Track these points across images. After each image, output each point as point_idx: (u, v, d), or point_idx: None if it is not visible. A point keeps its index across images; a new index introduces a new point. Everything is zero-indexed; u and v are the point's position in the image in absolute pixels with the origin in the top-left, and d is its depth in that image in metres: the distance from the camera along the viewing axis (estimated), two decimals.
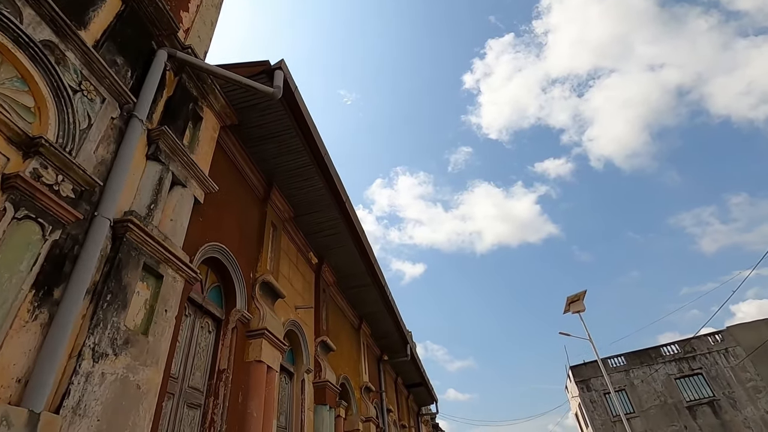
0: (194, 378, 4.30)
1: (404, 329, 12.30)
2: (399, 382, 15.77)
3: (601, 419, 24.10)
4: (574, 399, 27.56)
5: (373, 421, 9.66)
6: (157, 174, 3.81)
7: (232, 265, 5.10)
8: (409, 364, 14.77)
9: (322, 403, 6.86)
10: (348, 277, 9.28)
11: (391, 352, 13.32)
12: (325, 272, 8.55)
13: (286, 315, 6.48)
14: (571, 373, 26.20)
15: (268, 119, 5.62)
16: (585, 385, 25.36)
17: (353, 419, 8.90)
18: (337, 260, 8.70)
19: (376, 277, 9.41)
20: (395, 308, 11.13)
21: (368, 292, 9.99)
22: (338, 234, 7.96)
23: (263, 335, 5.08)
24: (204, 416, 4.28)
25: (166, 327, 3.45)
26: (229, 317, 4.97)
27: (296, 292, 7.16)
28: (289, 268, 7.07)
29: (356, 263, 8.86)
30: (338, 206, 7.21)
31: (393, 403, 14.06)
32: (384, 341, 12.72)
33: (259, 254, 5.86)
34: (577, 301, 18.36)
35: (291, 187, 6.70)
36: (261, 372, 4.91)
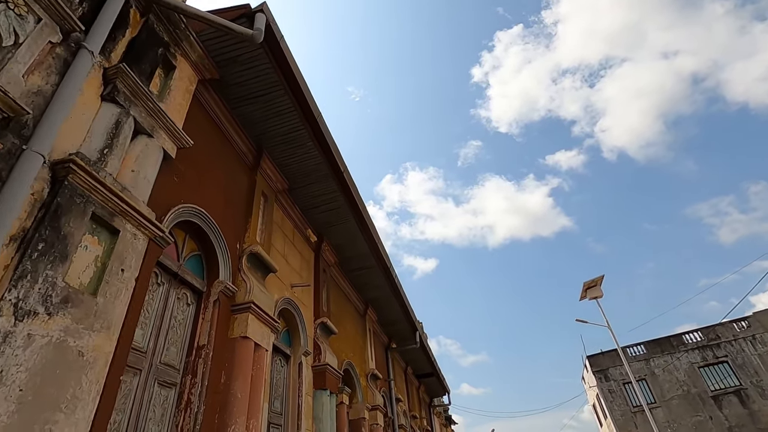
0: (168, 354, 3.82)
1: (413, 316, 11.77)
2: (409, 372, 15.27)
3: (620, 410, 23.28)
4: (591, 389, 26.73)
5: (380, 410, 9.17)
6: (113, 117, 3.31)
7: (214, 232, 4.60)
8: (418, 352, 14.25)
9: (322, 388, 6.37)
10: (350, 258, 8.76)
11: (400, 339, 12.81)
12: (326, 251, 8.05)
13: (280, 292, 5.99)
14: (588, 362, 25.37)
15: (251, 74, 5.10)
16: (603, 375, 24.52)
17: (359, 407, 8.41)
18: (337, 239, 8.18)
19: (380, 258, 8.88)
20: (402, 293, 10.59)
21: (373, 274, 9.47)
22: (338, 209, 7.44)
23: (249, 309, 4.59)
24: (180, 396, 3.80)
25: (122, 289, 2.96)
26: (210, 289, 4.48)
27: (292, 269, 6.66)
28: (284, 243, 6.57)
29: (358, 242, 8.34)
30: (335, 176, 6.68)
31: (403, 393, 13.57)
32: (392, 328, 12.21)
33: (247, 225, 5.37)
34: (595, 286, 17.58)
35: (283, 154, 6.18)
36: (247, 349, 4.41)
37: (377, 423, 8.93)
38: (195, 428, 3.66)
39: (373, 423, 8.92)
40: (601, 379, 24.39)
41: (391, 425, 10.94)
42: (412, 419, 13.77)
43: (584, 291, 17.68)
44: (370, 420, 8.97)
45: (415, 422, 14.23)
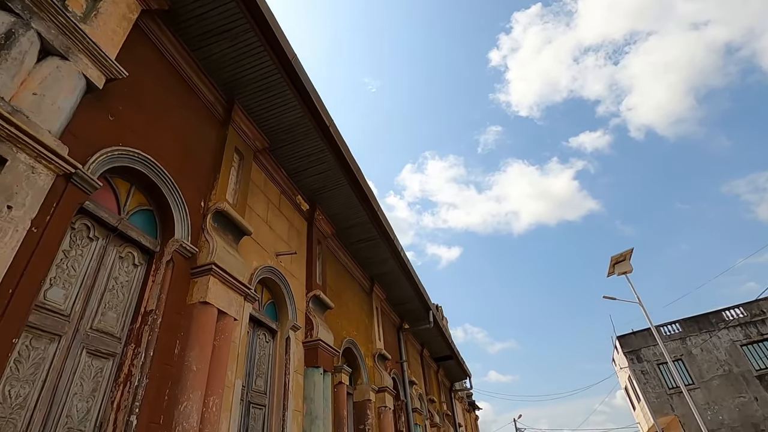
0: (104, 319, 3.24)
1: (424, 294, 11.05)
2: (426, 355, 14.61)
3: (655, 392, 21.98)
4: (622, 371, 25.43)
5: (388, 392, 8.54)
6: (2, 26, 2.68)
7: (168, 186, 3.98)
8: (434, 334, 13.56)
9: (314, 366, 5.75)
10: (349, 228, 8.08)
11: (413, 320, 12.13)
12: (320, 221, 7.39)
13: (260, 260, 5.37)
14: (619, 343, 24.06)
15: (209, 4, 4.41)
16: (635, 356, 23.19)
17: (364, 388, 7.80)
18: (332, 207, 7.51)
19: (382, 228, 8.17)
20: (411, 269, 9.88)
21: (376, 248, 8.77)
22: (328, 172, 6.74)
23: (211, 272, 3.97)
24: (119, 368, 3.22)
25: (6, 229, 2.36)
26: (164, 249, 3.88)
27: (278, 237, 6.03)
28: (267, 209, 5.94)
29: (355, 210, 7.64)
30: (321, 132, 5.97)
31: (418, 376, 12.93)
32: (403, 308, 11.54)
33: (215, 182, 4.73)
34: (623, 261, 16.37)
35: (258, 106, 5.51)
36: (208, 317, 3.80)
37: (386, 405, 8.31)
38: (134, 404, 3.07)
39: (381, 405, 8.32)
40: (633, 361, 23.07)
41: (404, 408, 10.33)
42: (429, 403, 13.15)
43: (612, 266, 16.51)
44: (378, 402, 8.36)
45: (433, 406, 13.61)
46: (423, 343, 14.27)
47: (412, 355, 12.87)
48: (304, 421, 5.36)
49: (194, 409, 3.35)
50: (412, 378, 11.34)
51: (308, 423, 5.34)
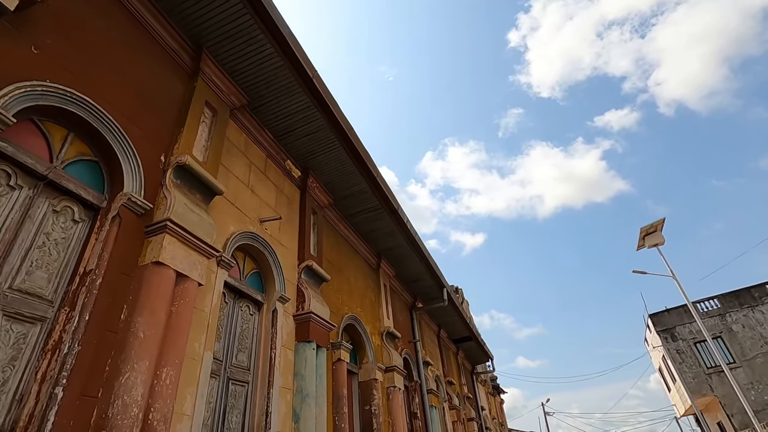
0: (30, 279, 2.79)
1: (437, 270, 10.44)
2: (443, 336, 14.05)
3: (692, 372, 20.73)
4: (656, 351, 24.17)
5: (397, 371, 8.03)
6: None
7: (114, 134, 3.50)
8: (451, 314, 12.97)
9: (306, 340, 5.27)
10: (347, 198, 7.52)
11: (427, 299, 11.55)
12: (315, 190, 6.86)
13: (240, 225, 4.88)
14: (651, 322, 22.78)
15: None
16: (669, 335, 21.89)
17: (369, 367, 7.31)
18: (327, 173, 6.95)
19: (383, 197, 7.57)
20: (420, 243, 9.27)
21: (380, 220, 8.20)
22: (318, 133, 6.17)
23: (166, 229, 3.48)
24: (49, 334, 2.78)
25: None
26: (111, 204, 3.41)
27: (262, 203, 5.53)
28: (249, 172, 5.43)
29: (352, 178, 7.06)
30: (303, 84, 5.39)
31: (435, 358, 12.40)
32: (415, 286, 10.97)
33: (178, 135, 4.24)
34: (654, 232, 15.25)
35: (231, 55, 4.96)
36: (161, 279, 3.33)
37: (395, 385, 7.81)
38: (61, 375, 2.62)
39: (390, 385, 7.82)
40: (667, 339, 21.77)
41: (418, 389, 9.83)
42: (447, 385, 12.62)
43: (642, 239, 15.42)
44: (386, 382, 7.87)
45: (452, 388, 13.07)
46: (440, 324, 13.70)
47: (427, 336, 12.33)
48: (294, 399, 4.89)
49: (139, 380, 2.88)
50: (427, 359, 10.81)
51: (298, 401, 4.87)
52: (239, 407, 4.36)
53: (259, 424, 4.36)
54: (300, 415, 4.80)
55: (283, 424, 4.60)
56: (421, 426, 9.30)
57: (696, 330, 21.19)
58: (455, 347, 15.76)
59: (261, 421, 4.37)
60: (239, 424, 4.28)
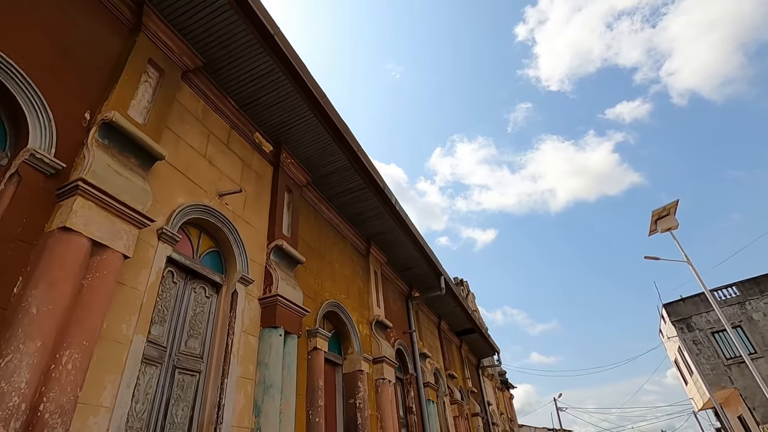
0: None
1: (433, 257, 9.86)
2: (445, 328, 13.46)
3: (710, 364, 19.78)
4: (671, 343, 23.18)
5: (387, 362, 7.49)
6: None
7: (17, 82, 3.01)
8: (451, 305, 12.38)
9: (272, 326, 4.75)
10: (328, 176, 6.98)
11: (424, 288, 10.98)
12: (290, 166, 6.33)
13: (191, 197, 4.37)
14: (666, 312, 21.83)
15: None
16: (685, 325, 20.93)
17: (354, 358, 6.78)
18: (302, 148, 6.41)
19: (367, 174, 7.02)
20: (412, 226, 8.70)
21: (365, 201, 7.65)
22: (286, 101, 5.64)
23: (78, 190, 2.98)
24: None
25: None
26: (12, 161, 2.92)
27: (223, 176, 5.02)
28: (207, 142, 4.92)
29: (331, 153, 6.52)
30: (264, 43, 4.86)
31: (434, 350, 11.84)
32: (410, 274, 10.40)
33: (109, 92, 3.73)
34: (667, 216, 14.43)
35: (179, 9, 4.44)
36: (70, 247, 2.83)
37: (384, 377, 7.27)
38: None
39: (379, 377, 7.29)
40: (683, 330, 20.82)
41: (414, 383, 9.28)
42: (448, 378, 12.04)
43: (654, 223, 14.61)
44: (375, 374, 7.33)
45: (454, 382, 12.49)
46: (441, 315, 13.12)
47: (426, 327, 11.77)
48: (256, 391, 4.38)
49: (25, 364, 2.39)
50: (425, 350, 10.25)
51: (260, 392, 4.35)
52: (187, 399, 3.86)
53: (210, 418, 3.85)
54: (262, 408, 4.28)
55: (240, 417, 4.09)
56: (416, 421, 8.75)
57: (714, 319, 20.24)
58: (458, 340, 15.16)
59: (212, 415, 3.86)
60: (185, 418, 3.78)
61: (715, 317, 20.09)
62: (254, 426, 4.20)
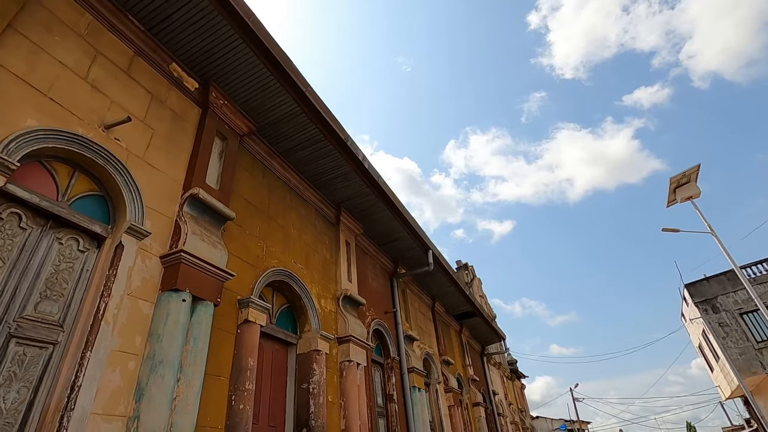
0: None
1: (417, 228, 8.78)
2: (440, 311, 12.39)
3: (738, 348, 18.17)
4: (694, 326, 21.53)
5: (356, 342, 6.48)
6: None
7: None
8: (444, 283, 11.30)
9: (174, 289, 3.77)
10: (276, 124, 5.94)
11: (412, 264, 9.91)
12: (223, 109, 5.32)
13: (52, 122, 3.39)
14: (688, 292, 20.21)
15: None
16: (710, 306, 19.30)
17: (310, 336, 5.79)
18: (242, 89, 5.39)
19: (324, 123, 5.97)
20: (388, 191, 7.63)
21: (327, 157, 6.61)
22: (204, 21, 4.61)
23: None
24: None
25: None
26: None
27: (116, 106, 4.03)
28: (89, 61, 3.94)
29: (277, 95, 5.49)
30: None
31: (427, 333, 10.79)
32: (394, 248, 9.35)
33: None
34: (687, 183, 12.96)
35: None
36: None
37: (350, 359, 6.27)
38: None
39: (344, 359, 6.29)
40: (708, 311, 19.20)
41: (396, 367, 8.26)
42: (443, 364, 10.99)
43: (672, 192, 13.17)
44: (340, 355, 6.34)
45: (450, 368, 11.43)
46: (435, 296, 12.04)
47: (417, 309, 10.72)
48: (141, 369, 3.41)
49: None
50: (411, 332, 9.20)
51: (146, 371, 3.38)
52: (27, 379, 2.90)
53: (58, 404, 2.89)
54: (146, 390, 3.31)
55: (110, 402, 3.13)
56: (398, 410, 7.74)
57: (742, 299, 18.61)
58: (458, 325, 14.07)
59: (61, 399, 2.90)
60: (23, 403, 2.83)
61: (744, 296, 18.49)
62: (132, 413, 3.23)
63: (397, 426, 7.52)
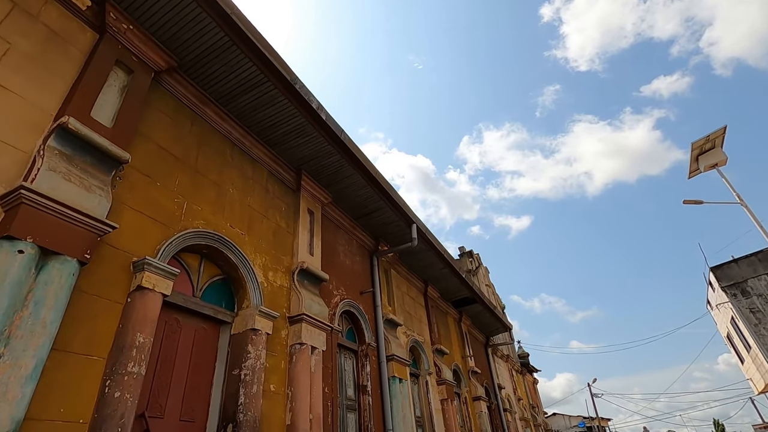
0: None
1: (396, 198, 7.73)
2: (434, 296, 11.29)
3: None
4: (722, 312, 19.86)
5: (311, 322, 5.48)
6: None
7: None
8: (436, 264, 10.22)
9: (5, 237, 2.81)
10: (205, 61, 4.96)
11: (396, 241, 8.85)
12: (126, 34, 4.35)
13: None
14: (714, 276, 18.56)
15: None
16: (739, 290, 17.65)
17: (247, 314, 4.80)
18: (148, 8, 4.41)
19: (262, 58, 4.96)
20: (356, 151, 6.60)
21: (274, 105, 5.60)
22: None
23: None
24: None
25: None
26: None
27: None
28: None
29: (192, 17, 4.49)
30: None
31: (416, 319, 9.72)
32: (373, 222, 8.32)
33: None
34: (712, 149, 11.54)
35: None
36: None
37: (303, 342, 5.27)
38: None
39: (295, 342, 5.29)
40: (737, 296, 17.57)
41: (373, 355, 7.24)
42: (435, 354, 9.90)
43: (694, 160, 11.77)
44: (291, 338, 5.34)
45: (445, 359, 10.34)
46: (428, 279, 10.95)
47: (404, 292, 9.66)
48: None
49: None
50: (394, 317, 8.15)
51: None
52: None
53: None
54: None
55: None
56: (372, 402, 6.71)
57: None
58: (457, 312, 12.94)
59: None
60: None
61: None
62: None
63: (370, 421, 6.49)
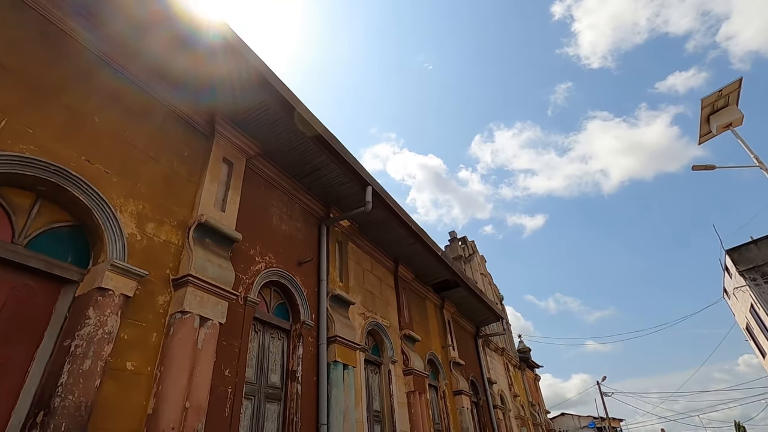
0: None
1: (340, 150, 6.55)
2: (406, 276, 10.06)
3: None
4: (739, 299, 18.14)
5: (199, 286, 4.34)
6: None
7: None
8: (406, 240, 9.00)
9: None
10: None
11: (350, 206, 7.65)
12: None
13: None
14: (730, 260, 16.88)
15: None
16: (759, 275, 15.95)
17: (99, 268, 3.67)
18: None
19: None
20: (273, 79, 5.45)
21: None
22: None
23: None
24: None
25: None
26: None
27: None
28: None
29: None
30: None
31: (380, 300, 8.53)
32: (319, 182, 7.14)
33: None
34: (726, 107, 10.11)
35: None
36: None
37: (184, 310, 4.11)
38: None
39: (176, 311, 4.14)
40: (756, 281, 15.89)
41: (311, 335, 6.06)
42: (404, 341, 8.68)
43: (705, 121, 10.37)
44: (172, 305, 4.20)
45: (416, 346, 9.10)
46: (399, 257, 9.73)
47: (365, 268, 8.46)
48: None
49: None
50: (344, 294, 6.96)
51: None
52: None
53: None
54: None
55: None
56: (302, 391, 5.53)
57: None
58: (438, 297, 11.69)
59: None
60: None
61: None
62: None
63: (297, 413, 5.31)
